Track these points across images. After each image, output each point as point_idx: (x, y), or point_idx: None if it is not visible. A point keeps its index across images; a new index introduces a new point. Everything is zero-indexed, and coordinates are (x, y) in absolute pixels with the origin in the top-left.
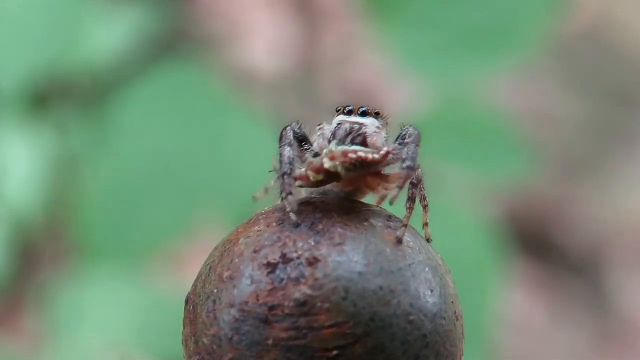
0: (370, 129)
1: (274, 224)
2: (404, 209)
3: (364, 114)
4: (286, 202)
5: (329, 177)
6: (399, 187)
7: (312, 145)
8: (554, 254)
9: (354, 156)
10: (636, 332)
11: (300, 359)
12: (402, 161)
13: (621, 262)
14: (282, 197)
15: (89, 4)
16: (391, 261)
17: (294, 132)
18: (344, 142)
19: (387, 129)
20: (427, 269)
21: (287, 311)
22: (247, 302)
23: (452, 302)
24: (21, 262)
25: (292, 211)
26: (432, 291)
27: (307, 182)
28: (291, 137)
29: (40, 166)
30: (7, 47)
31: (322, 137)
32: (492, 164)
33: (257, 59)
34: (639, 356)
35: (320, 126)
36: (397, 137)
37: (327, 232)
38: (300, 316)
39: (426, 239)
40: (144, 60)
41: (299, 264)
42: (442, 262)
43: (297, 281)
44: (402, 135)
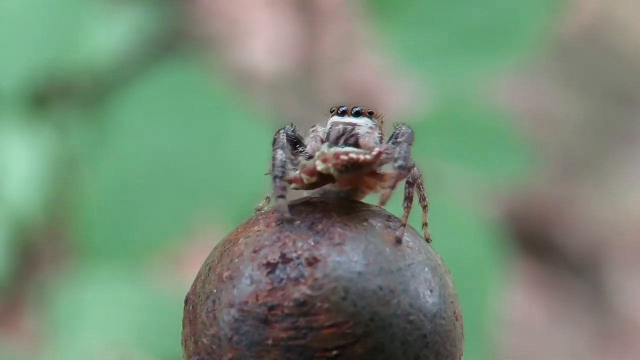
0: (363, 129)
1: (274, 224)
2: (402, 209)
3: (358, 114)
4: (276, 205)
5: (322, 180)
6: (390, 187)
7: (306, 147)
8: (554, 254)
9: (346, 158)
10: (636, 332)
11: (300, 359)
12: (394, 161)
13: (621, 262)
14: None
15: (89, 4)
16: (391, 261)
17: (288, 135)
18: (337, 143)
19: (383, 128)
20: (426, 269)
21: (286, 311)
22: (246, 302)
23: (452, 302)
24: (21, 262)
25: (283, 214)
26: (431, 291)
27: (301, 185)
28: (284, 140)
29: (40, 166)
30: (7, 47)
31: (315, 139)
32: (492, 164)
33: (257, 59)
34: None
35: (313, 128)
36: (390, 137)
37: (326, 232)
38: (300, 316)
39: (426, 239)
40: (144, 60)
41: (298, 264)
42: (442, 262)
43: (296, 281)
44: (396, 134)
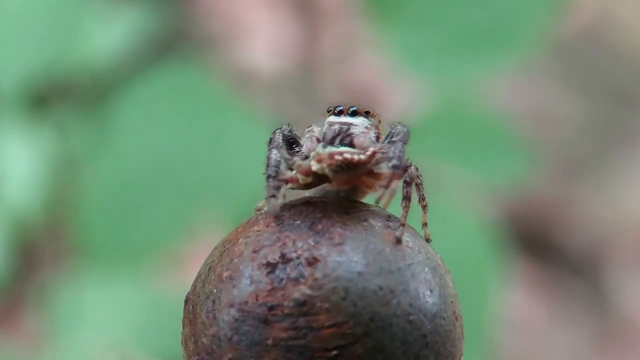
0: (358, 129)
1: (274, 224)
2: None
3: (354, 113)
4: (268, 204)
5: (318, 180)
6: (384, 186)
7: (302, 147)
8: (554, 254)
9: (340, 158)
10: (636, 332)
11: (300, 359)
12: (388, 160)
13: (621, 262)
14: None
15: (89, 4)
16: (391, 261)
17: (284, 135)
18: (333, 143)
19: (380, 127)
20: (426, 269)
21: (286, 311)
22: (246, 302)
23: (452, 302)
24: (21, 262)
25: (274, 214)
26: (431, 291)
27: (297, 185)
28: (280, 141)
29: (40, 166)
30: (7, 47)
31: (311, 139)
32: (492, 164)
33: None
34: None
35: (309, 128)
36: (386, 136)
37: (326, 232)
38: (300, 316)
39: (426, 239)
40: (144, 60)
41: (298, 264)
42: (442, 262)
43: (296, 281)
44: (391, 133)
